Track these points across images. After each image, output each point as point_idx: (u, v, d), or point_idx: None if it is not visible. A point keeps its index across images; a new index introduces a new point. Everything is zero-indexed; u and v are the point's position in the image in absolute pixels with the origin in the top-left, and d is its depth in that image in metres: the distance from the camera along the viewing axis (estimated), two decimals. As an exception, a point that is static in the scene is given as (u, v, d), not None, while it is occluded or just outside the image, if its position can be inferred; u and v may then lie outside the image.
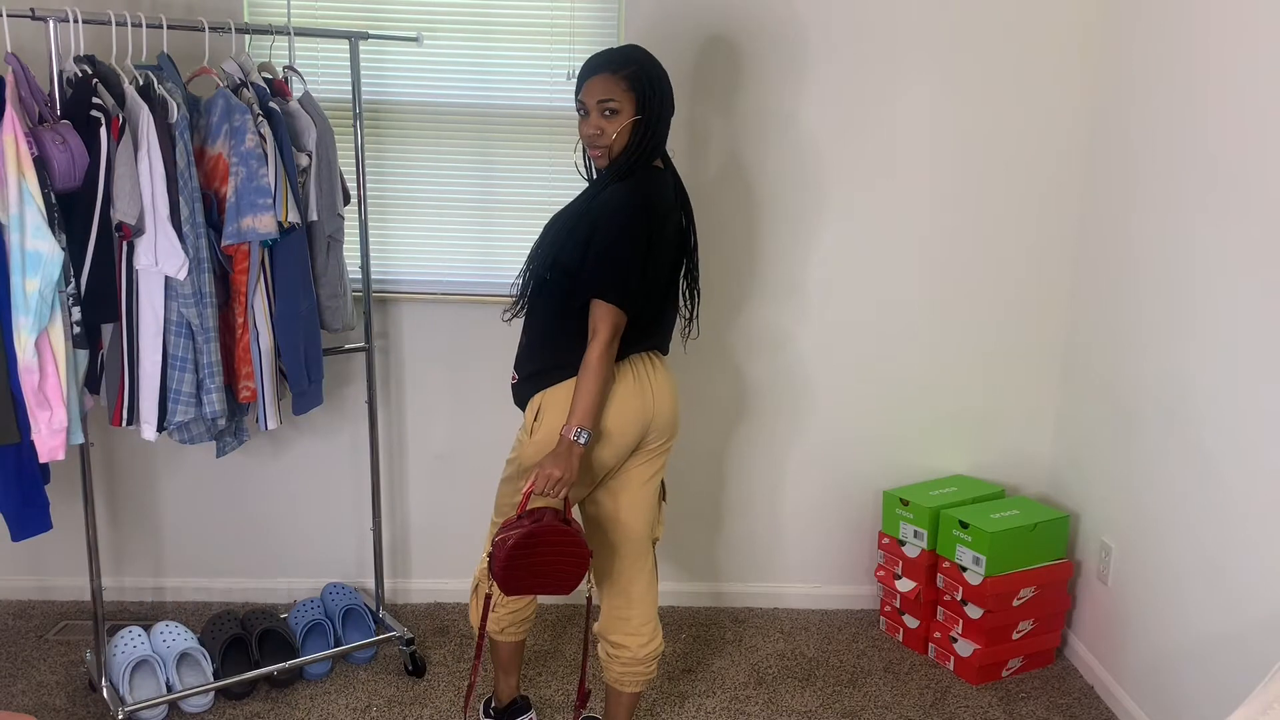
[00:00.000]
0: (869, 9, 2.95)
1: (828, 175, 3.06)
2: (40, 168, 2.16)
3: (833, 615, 3.32)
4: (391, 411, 3.19)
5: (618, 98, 2.16)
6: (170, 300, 2.37)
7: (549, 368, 2.25)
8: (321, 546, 3.26)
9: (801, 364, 3.19)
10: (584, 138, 2.23)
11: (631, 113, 2.17)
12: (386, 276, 3.09)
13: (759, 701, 2.84)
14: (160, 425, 2.42)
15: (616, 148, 2.19)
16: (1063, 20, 2.97)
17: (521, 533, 2.11)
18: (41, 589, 3.23)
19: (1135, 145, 2.79)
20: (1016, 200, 3.09)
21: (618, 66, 2.17)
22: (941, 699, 2.88)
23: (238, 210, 2.38)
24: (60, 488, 2.92)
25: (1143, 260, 2.74)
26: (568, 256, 2.19)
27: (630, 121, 2.17)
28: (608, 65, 2.17)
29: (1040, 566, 2.96)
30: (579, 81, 2.21)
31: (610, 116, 2.16)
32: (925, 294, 3.15)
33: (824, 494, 3.29)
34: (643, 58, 2.21)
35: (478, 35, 2.96)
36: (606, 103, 2.16)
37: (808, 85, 3.00)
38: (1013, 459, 3.28)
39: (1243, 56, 2.34)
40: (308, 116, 2.53)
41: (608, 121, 2.17)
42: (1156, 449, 2.66)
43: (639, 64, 2.19)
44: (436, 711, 2.75)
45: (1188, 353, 2.53)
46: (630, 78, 2.16)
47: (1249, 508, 2.30)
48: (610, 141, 2.17)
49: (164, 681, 2.70)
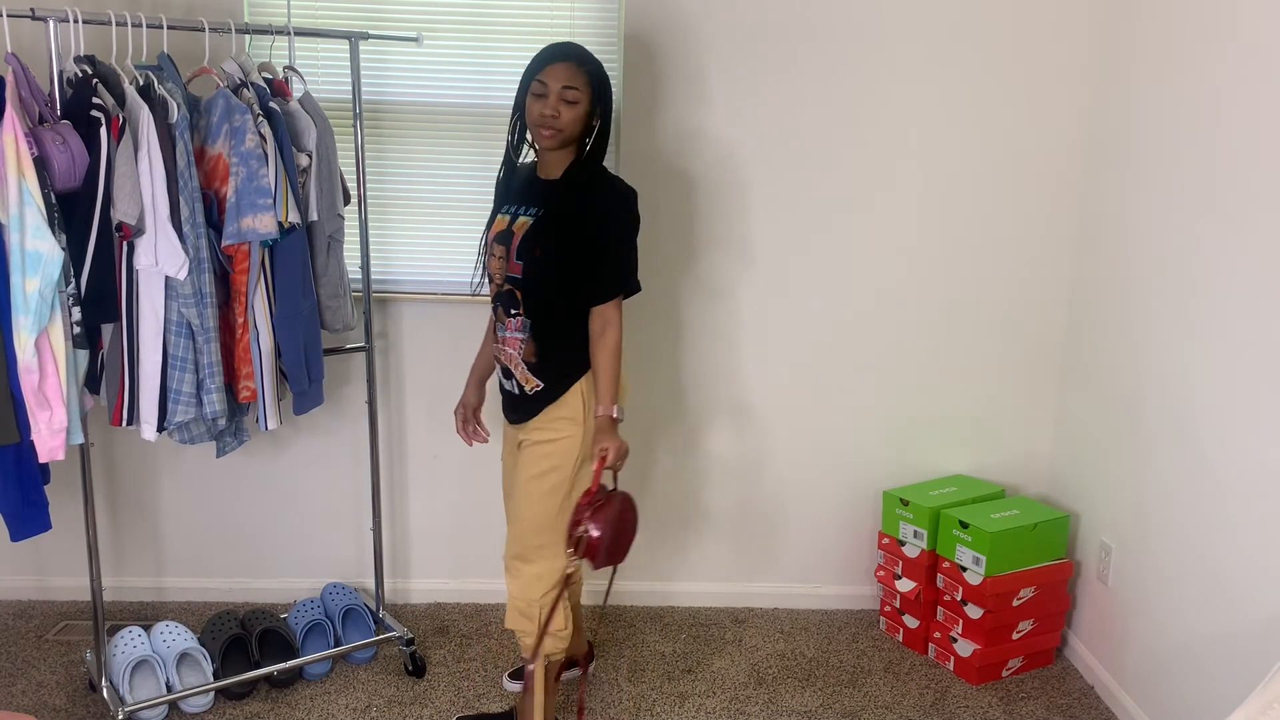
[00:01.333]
0: (868, 8, 2.95)
1: (827, 174, 3.06)
2: (40, 168, 2.16)
3: (833, 615, 3.32)
4: (391, 411, 3.19)
5: (580, 88, 2.27)
6: (170, 300, 2.37)
7: (580, 365, 2.37)
8: (321, 546, 3.26)
9: (801, 364, 3.19)
10: (536, 117, 2.29)
11: (587, 106, 2.29)
12: (386, 276, 3.09)
13: (759, 701, 2.84)
14: (160, 425, 2.42)
15: (568, 135, 2.30)
16: (1063, 19, 2.97)
17: (623, 498, 2.31)
18: (41, 589, 3.23)
19: (1135, 145, 2.79)
20: (1017, 199, 3.09)
21: (583, 60, 2.29)
22: (941, 699, 2.88)
23: (238, 210, 2.38)
24: (60, 488, 2.92)
25: (1143, 260, 2.74)
26: (583, 266, 2.31)
27: (585, 112, 2.29)
28: (574, 56, 2.28)
29: (1040, 566, 2.96)
30: (539, 63, 2.28)
31: (570, 105, 2.27)
32: (925, 294, 3.15)
33: (824, 494, 3.29)
34: (595, 58, 2.33)
35: (478, 35, 2.96)
36: (569, 90, 2.26)
37: (806, 84, 3.00)
38: (1013, 459, 3.28)
39: (1245, 55, 2.34)
40: (308, 116, 2.54)
41: (567, 107, 2.27)
42: (1156, 449, 2.66)
43: (594, 61, 2.31)
44: (436, 711, 2.75)
45: (1188, 353, 2.53)
46: (591, 74, 2.29)
47: (1249, 508, 2.30)
48: (565, 125, 2.27)
49: (164, 681, 2.70)
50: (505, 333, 2.40)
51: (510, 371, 2.40)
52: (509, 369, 2.40)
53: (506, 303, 2.37)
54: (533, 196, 2.37)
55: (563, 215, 2.30)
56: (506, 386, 2.44)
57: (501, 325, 2.40)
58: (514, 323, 2.37)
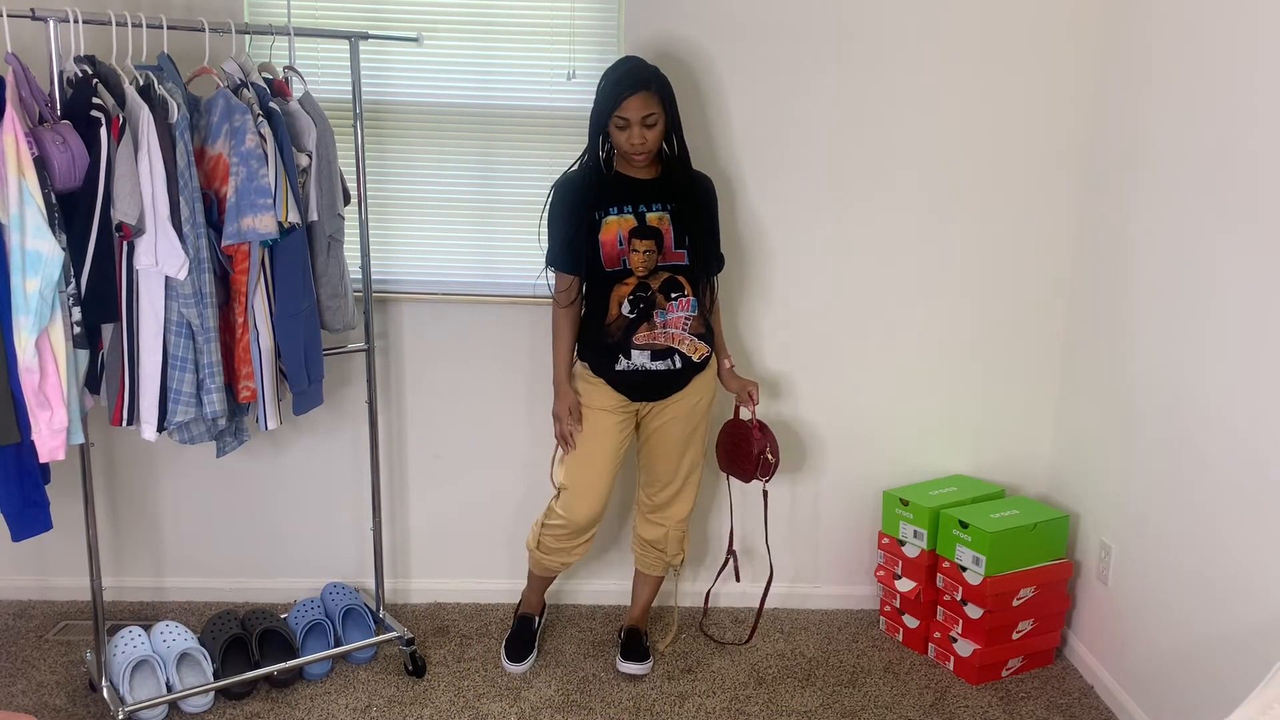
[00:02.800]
0: (868, 7, 2.95)
1: (826, 174, 3.06)
2: (40, 168, 2.16)
3: (833, 615, 3.32)
4: (391, 411, 3.19)
5: (655, 110, 2.55)
6: (170, 300, 2.37)
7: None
8: (321, 546, 3.26)
9: (800, 364, 3.19)
10: (626, 146, 2.57)
11: (665, 120, 2.58)
12: (387, 276, 3.09)
13: (759, 701, 2.84)
14: (160, 425, 2.42)
15: (656, 150, 2.62)
16: (1065, 18, 2.97)
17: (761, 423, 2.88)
18: (41, 589, 3.23)
19: (1136, 144, 2.79)
20: (1016, 198, 3.09)
21: (649, 84, 2.54)
22: (941, 699, 2.88)
23: (238, 210, 2.38)
24: (60, 488, 2.92)
25: (1143, 260, 2.74)
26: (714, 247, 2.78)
27: (664, 127, 2.59)
28: (643, 84, 2.53)
29: (1040, 566, 2.96)
30: (613, 97, 2.52)
31: (652, 127, 2.55)
32: (924, 293, 3.15)
33: (824, 494, 3.29)
34: (656, 70, 2.58)
35: (478, 35, 2.96)
36: (649, 117, 2.54)
37: (805, 84, 2.99)
38: (1013, 459, 3.28)
39: (1245, 55, 2.34)
40: (308, 117, 2.53)
41: (650, 131, 2.56)
42: (1156, 449, 2.66)
43: (658, 77, 2.57)
44: (436, 711, 2.75)
45: (1187, 353, 2.53)
46: (660, 93, 2.56)
47: (1249, 508, 2.30)
48: (653, 147, 2.59)
49: (164, 681, 2.70)
50: (666, 315, 2.66)
51: (668, 351, 2.68)
52: (669, 349, 2.68)
53: (668, 289, 2.65)
54: (646, 194, 2.66)
55: (695, 205, 2.70)
56: (658, 368, 2.69)
57: (662, 310, 2.65)
58: (679, 304, 2.67)
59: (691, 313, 2.69)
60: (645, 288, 2.65)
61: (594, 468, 2.75)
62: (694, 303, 2.69)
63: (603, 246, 2.63)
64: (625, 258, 2.63)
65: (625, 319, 2.67)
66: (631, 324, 2.67)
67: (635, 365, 2.69)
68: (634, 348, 2.68)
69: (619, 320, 2.67)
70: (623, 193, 2.65)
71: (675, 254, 2.66)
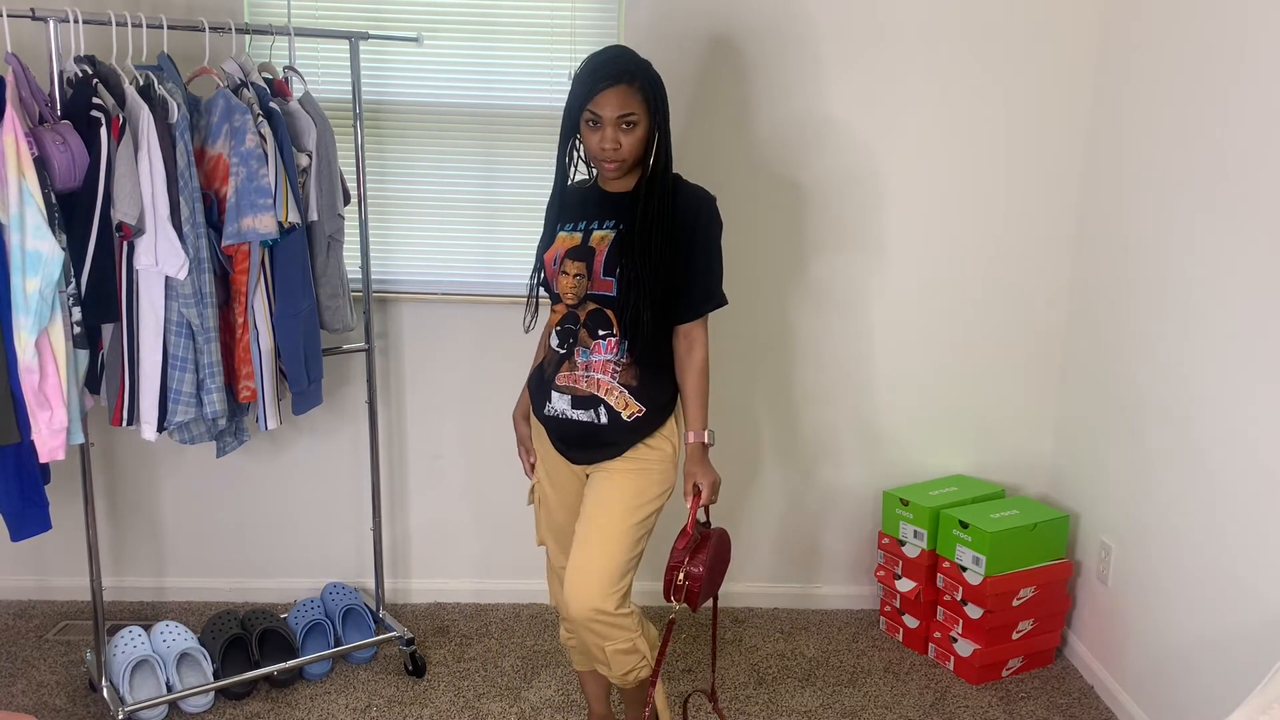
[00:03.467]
0: (867, 7, 2.95)
1: (825, 174, 3.06)
2: (40, 168, 2.16)
3: (833, 615, 3.32)
4: (391, 411, 3.19)
5: (636, 110, 2.08)
6: (170, 300, 2.37)
7: (675, 387, 2.26)
8: (321, 546, 3.26)
9: (800, 365, 3.19)
10: (596, 150, 2.11)
11: (647, 123, 2.11)
12: (387, 277, 3.09)
13: (759, 701, 2.84)
14: (160, 425, 2.42)
15: (633, 160, 2.13)
16: (1065, 18, 2.97)
17: (719, 534, 2.21)
18: (41, 589, 3.23)
19: (1136, 144, 2.79)
20: (1017, 198, 3.09)
21: (631, 76, 2.07)
22: (941, 699, 2.88)
23: (238, 210, 2.38)
24: (60, 488, 2.92)
25: (1143, 260, 2.74)
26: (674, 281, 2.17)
27: (646, 131, 2.12)
28: (622, 76, 2.06)
29: (1040, 566, 2.96)
30: (586, 91, 2.08)
31: (629, 130, 2.08)
32: (924, 294, 3.15)
33: (824, 494, 3.29)
34: (644, 63, 2.13)
35: (478, 35, 2.96)
36: (626, 116, 2.07)
37: (804, 84, 2.99)
38: (1013, 459, 3.27)
39: (1245, 55, 2.34)
40: (308, 117, 2.53)
41: (626, 134, 2.08)
42: (1156, 449, 2.66)
43: (645, 71, 2.11)
44: (436, 711, 2.75)
45: (1188, 353, 2.53)
46: (642, 88, 2.09)
47: (1249, 507, 2.30)
48: (628, 154, 2.10)
49: (164, 681, 2.70)
50: (590, 357, 2.18)
51: (593, 400, 2.18)
52: (593, 397, 2.18)
53: (594, 324, 2.16)
54: (605, 209, 2.19)
55: (649, 223, 2.13)
56: (579, 418, 2.20)
57: (584, 350, 2.18)
58: (604, 345, 2.17)
59: (619, 356, 2.16)
60: (573, 319, 2.19)
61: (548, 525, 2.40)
62: (623, 345, 2.15)
63: (544, 265, 2.24)
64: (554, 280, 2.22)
65: (555, 353, 2.25)
66: (559, 360, 2.23)
67: (556, 410, 2.23)
68: (554, 389, 2.23)
69: (550, 354, 2.27)
70: (583, 205, 2.23)
71: (603, 281, 2.14)
